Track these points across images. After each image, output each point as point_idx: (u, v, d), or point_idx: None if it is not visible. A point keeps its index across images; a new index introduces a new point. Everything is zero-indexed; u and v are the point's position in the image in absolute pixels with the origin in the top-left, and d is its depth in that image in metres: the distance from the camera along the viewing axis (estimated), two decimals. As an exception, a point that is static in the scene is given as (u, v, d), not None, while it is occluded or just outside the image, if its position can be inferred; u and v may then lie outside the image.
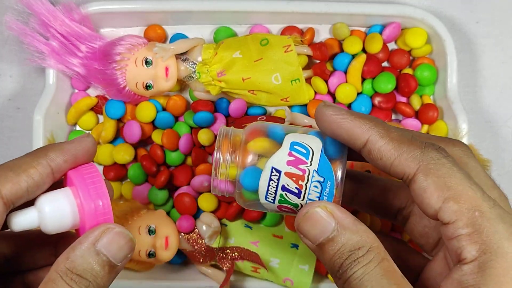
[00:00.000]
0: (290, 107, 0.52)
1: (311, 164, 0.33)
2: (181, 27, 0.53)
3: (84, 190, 0.31)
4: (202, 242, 0.50)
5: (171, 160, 0.51)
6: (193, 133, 0.51)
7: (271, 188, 0.33)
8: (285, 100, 0.50)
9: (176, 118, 0.52)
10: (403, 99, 0.53)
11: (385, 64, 0.54)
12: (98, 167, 0.52)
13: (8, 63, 0.54)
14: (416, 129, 0.52)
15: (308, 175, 0.33)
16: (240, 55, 0.49)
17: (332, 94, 0.52)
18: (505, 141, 0.56)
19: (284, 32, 0.52)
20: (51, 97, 0.50)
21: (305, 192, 0.33)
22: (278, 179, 0.33)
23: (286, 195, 0.33)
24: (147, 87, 0.49)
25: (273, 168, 0.33)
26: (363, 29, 0.54)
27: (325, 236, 0.31)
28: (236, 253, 0.49)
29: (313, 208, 0.31)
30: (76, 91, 0.53)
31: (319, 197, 0.33)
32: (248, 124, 0.36)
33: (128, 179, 0.52)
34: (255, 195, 0.34)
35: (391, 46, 0.54)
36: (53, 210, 0.31)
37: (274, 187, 0.33)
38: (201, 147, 0.51)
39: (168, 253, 0.48)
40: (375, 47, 0.52)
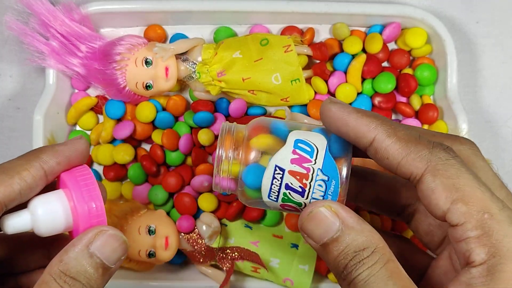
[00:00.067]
0: (290, 107, 0.52)
1: (315, 163, 0.32)
2: (181, 27, 0.53)
3: (77, 192, 0.30)
4: (202, 242, 0.49)
5: (171, 160, 0.51)
6: (193, 133, 0.50)
7: (274, 187, 0.32)
8: (285, 100, 0.50)
9: (176, 118, 0.52)
10: (403, 99, 0.53)
11: (385, 64, 0.54)
12: (98, 167, 0.52)
13: (8, 63, 0.54)
14: (416, 129, 0.52)
15: (312, 173, 0.32)
16: (240, 55, 0.49)
17: (332, 94, 0.52)
18: (505, 141, 0.56)
19: (284, 32, 0.52)
20: (51, 97, 0.50)
21: (309, 191, 0.32)
22: (282, 178, 0.32)
23: (290, 193, 0.32)
24: (147, 87, 0.49)
25: (276, 166, 0.32)
26: (363, 29, 0.53)
27: (329, 236, 0.30)
28: (236, 253, 0.49)
29: (317, 207, 0.31)
30: (76, 91, 0.53)
31: (323, 196, 0.32)
32: (251, 120, 0.35)
33: (128, 179, 0.51)
34: (258, 193, 0.33)
35: (391, 46, 0.54)
36: (46, 213, 0.30)
37: (277, 186, 0.32)
38: (201, 147, 0.51)
39: (168, 253, 0.47)
40: (375, 47, 0.52)
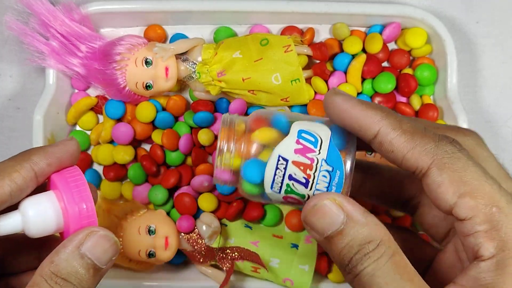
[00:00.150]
0: (290, 107, 0.51)
1: (319, 153, 0.31)
2: (181, 27, 0.52)
3: (68, 193, 0.30)
4: (202, 242, 0.49)
5: (171, 160, 0.50)
6: (193, 133, 0.50)
7: (277, 178, 0.32)
8: (285, 100, 0.49)
9: (176, 118, 0.51)
10: (403, 99, 0.52)
11: (385, 64, 0.53)
12: (98, 167, 0.52)
13: (8, 63, 0.53)
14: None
15: (317, 164, 0.31)
16: (240, 55, 0.48)
17: None
18: (505, 141, 0.55)
19: (284, 32, 0.52)
20: (51, 97, 0.49)
21: (313, 182, 0.31)
22: (285, 168, 0.31)
23: (293, 184, 0.32)
24: (147, 87, 0.49)
25: (280, 157, 0.31)
26: (363, 29, 0.53)
27: (333, 229, 0.29)
28: (236, 253, 0.48)
29: (322, 201, 0.30)
30: (76, 91, 0.52)
31: (327, 187, 0.31)
32: (253, 112, 0.34)
33: (128, 179, 0.51)
34: (257, 188, 0.32)
35: (391, 46, 0.53)
36: (37, 214, 0.30)
37: (280, 176, 0.31)
38: (201, 147, 0.50)
39: (168, 253, 0.47)
40: (375, 47, 0.51)
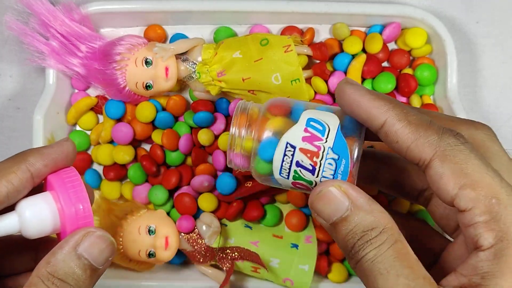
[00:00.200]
0: (290, 107, 0.52)
1: (326, 141, 0.32)
2: (181, 27, 0.52)
3: (64, 194, 0.30)
4: (202, 242, 0.49)
5: (171, 160, 0.50)
6: (193, 133, 0.49)
7: (285, 164, 0.32)
8: (285, 100, 0.50)
9: (176, 118, 0.51)
10: (403, 99, 0.52)
11: (385, 64, 0.52)
12: (98, 167, 0.52)
13: (8, 63, 0.53)
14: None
15: (323, 152, 0.32)
16: (240, 55, 0.48)
17: (332, 94, 0.50)
18: (505, 141, 0.54)
19: (284, 32, 0.51)
20: (51, 97, 0.49)
21: (319, 169, 0.32)
22: (293, 155, 0.32)
23: (300, 171, 0.33)
24: (147, 87, 0.49)
25: (287, 143, 0.32)
26: (363, 29, 0.52)
27: (338, 215, 0.30)
28: (236, 253, 0.48)
29: (327, 187, 0.30)
30: (76, 91, 0.52)
31: (333, 175, 0.32)
32: (269, 99, 0.35)
33: (128, 179, 0.51)
34: (270, 168, 0.33)
35: (391, 46, 0.53)
36: (33, 215, 0.30)
37: (288, 163, 0.32)
38: (201, 147, 0.50)
39: (168, 253, 0.47)
40: (375, 47, 0.51)
